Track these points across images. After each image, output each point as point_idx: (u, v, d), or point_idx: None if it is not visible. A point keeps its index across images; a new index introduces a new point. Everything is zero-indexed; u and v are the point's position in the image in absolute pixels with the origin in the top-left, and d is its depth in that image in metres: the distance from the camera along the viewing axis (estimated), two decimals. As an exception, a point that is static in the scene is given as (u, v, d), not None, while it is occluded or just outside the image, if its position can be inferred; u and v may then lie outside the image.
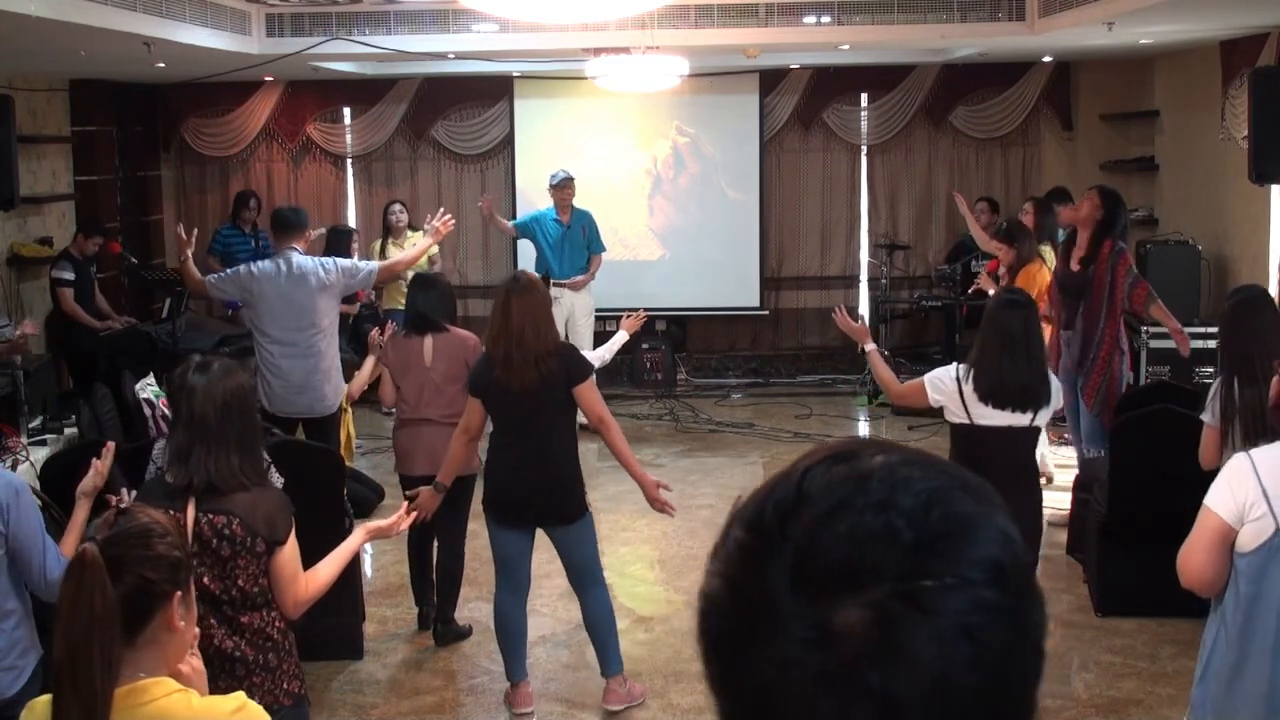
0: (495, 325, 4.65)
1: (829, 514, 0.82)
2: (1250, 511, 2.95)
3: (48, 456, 5.75)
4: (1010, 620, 0.82)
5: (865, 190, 11.21)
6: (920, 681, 0.78)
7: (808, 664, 0.79)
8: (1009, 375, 4.38)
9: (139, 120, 10.70)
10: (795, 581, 0.81)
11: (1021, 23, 7.99)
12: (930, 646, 0.79)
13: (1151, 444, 5.49)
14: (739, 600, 0.84)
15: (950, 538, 0.82)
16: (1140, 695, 4.98)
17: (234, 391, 3.26)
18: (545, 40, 8.17)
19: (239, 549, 3.18)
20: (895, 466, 0.85)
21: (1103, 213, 6.62)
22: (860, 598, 0.79)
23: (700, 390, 10.66)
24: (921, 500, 0.83)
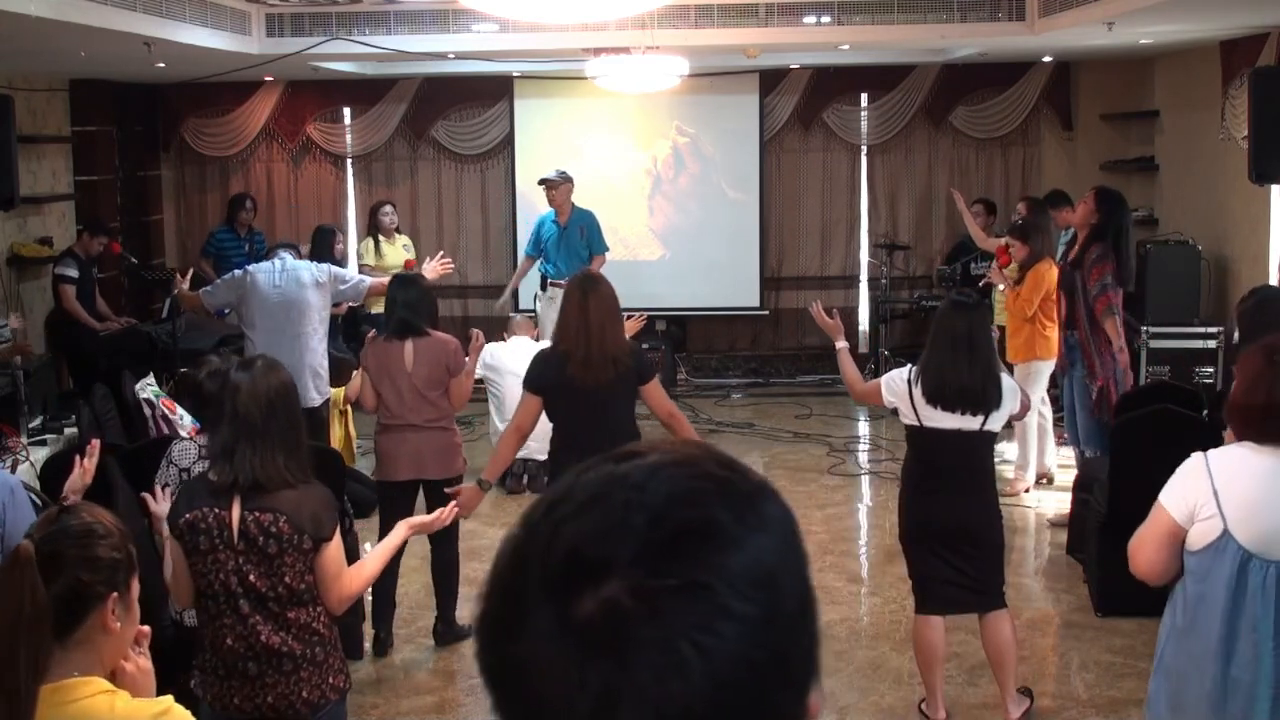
0: (572, 324, 4.58)
1: (582, 507, 0.83)
2: (1200, 511, 2.97)
3: (48, 456, 5.75)
4: (748, 631, 0.80)
5: (865, 190, 11.20)
6: (638, 683, 0.78)
7: (546, 651, 0.80)
8: (951, 376, 4.41)
9: (139, 120, 10.70)
10: (541, 572, 0.82)
11: (1021, 23, 7.99)
12: (652, 649, 0.78)
13: (1151, 444, 5.48)
14: (500, 590, 0.85)
15: (689, 539, 0.81)
16: (1140, 695, 4.96)
17: (278, 389, 3.28)
18: (545, 40, 8.17)
19: (286, 546, 3.20)
20: (662, 465, 0.85)
21: (1098, 216, 6.62)
22: (597, 590, 0.79)
23: (700, 390, 10.66)
24: (668, 501, 0.82)
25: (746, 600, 0.81)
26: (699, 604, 0.79)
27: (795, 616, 0.85)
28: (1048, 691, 5.00)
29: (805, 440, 8.99)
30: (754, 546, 0.83)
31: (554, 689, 0.79)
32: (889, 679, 5.13)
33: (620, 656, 0.78)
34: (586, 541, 0.81)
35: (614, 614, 0.79)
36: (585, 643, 0.79)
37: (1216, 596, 2.95)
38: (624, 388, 4.62)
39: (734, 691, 0.79)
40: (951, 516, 4.48)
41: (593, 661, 0.78)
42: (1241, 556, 2.92)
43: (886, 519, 7.44)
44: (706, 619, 0.79)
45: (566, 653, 0.79)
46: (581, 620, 0.79)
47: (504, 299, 9.49)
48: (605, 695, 0.78)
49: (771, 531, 0.85)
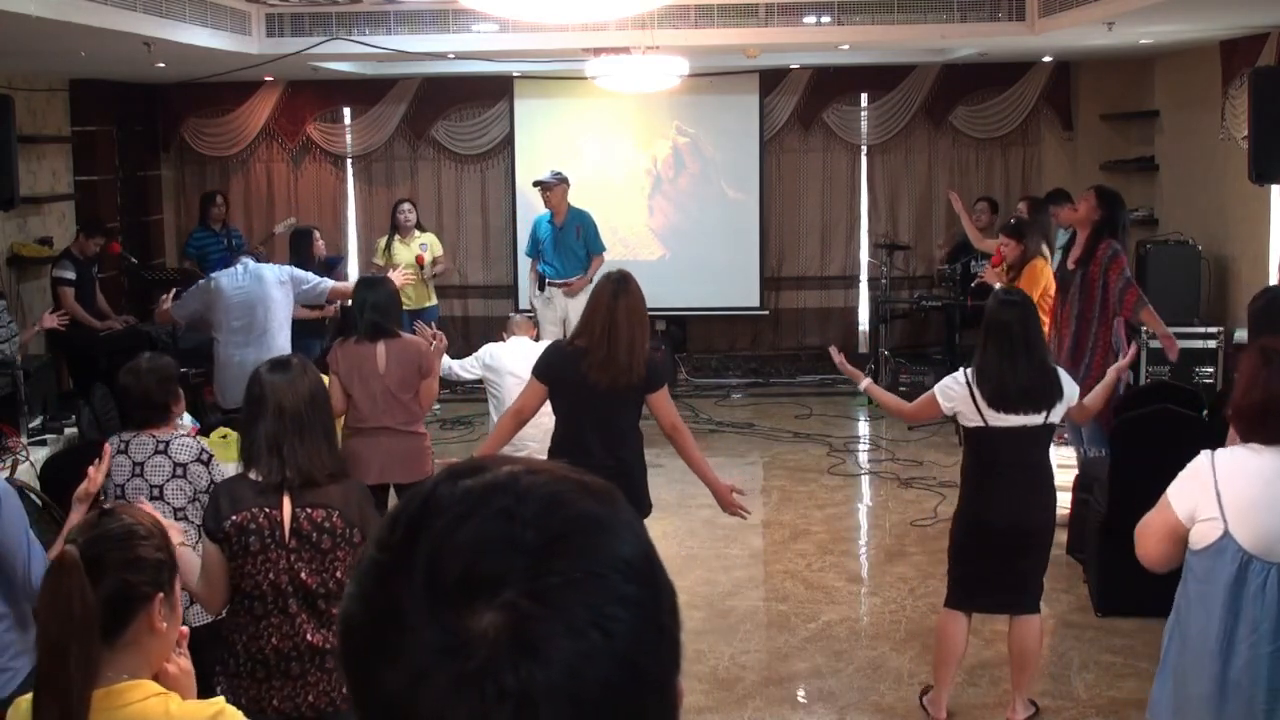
0: (599, 325, 4.53)
1: (454, 523, 0.83)
2: (1201, 511, 2.97)
3: (48, 456, 5.75)
4: (641, 612, 0.84)
5: (865, 190, 11.21)
6: (555, 677, 0.79)
7: (441, 672, 0.79)
8: (1010, 378, 4.37)
9: (139, 120, 10.70)
10: (426, 592, 0.81)
11: (1021, 23, 7.99)
12: (563, 641, 0.80)
13: (1151, 444, 5.48)
14: (371, 616, 0.84)
15: (574, 536, 0.84)
16: (1140, 695, 4.97)
17: (316, 385, 3.33)
18: (545, 40, 8.17)
19: (339, 541, 3.22)
20: (519, 475, 0.87)
21: (1099, 213, 6.61)
22: (492, 601, 0.80)
23: (700, 390, 10.66)
24: (543, 504, 0.85)
25: (633, 583, 0.85)
26: (595, 592, 0.82)
27: (671, 597, 0.89)
28: (1048, 691, 5.00)
29: (805, 440, 8.99)
30: (629, 534, 0.87)
31: (457, 708, 0.79)
32: (889, 679, 5.13)
33: (533, 657, 0.79)
34: (472, 556, 0.82)
35: (518, 618, 0.80)
36: (493, 651, 0.79)
37: (1216, 597, 2.95)
38: (634, 393, 4.61)
39: (638, 669, 0.83)
40: (1013, 515, 4.43)
41: (506, 669, 0.79)
42: (1242, 558, 2.92)
43: (886, 519, 7.44)
44: (605, 604, 0.82)
45: (468, 668, 0.79)
46: (478, 633, 0.79)
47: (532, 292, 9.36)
48: (521, 700, 0.78)
49: (634, 522, 0.89)
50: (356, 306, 5.63)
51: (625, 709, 0.83)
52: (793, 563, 6.55)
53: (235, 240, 10.07)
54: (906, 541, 6.84)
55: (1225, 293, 8.61)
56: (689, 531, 6.92)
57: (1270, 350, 3.04)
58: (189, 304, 6.72)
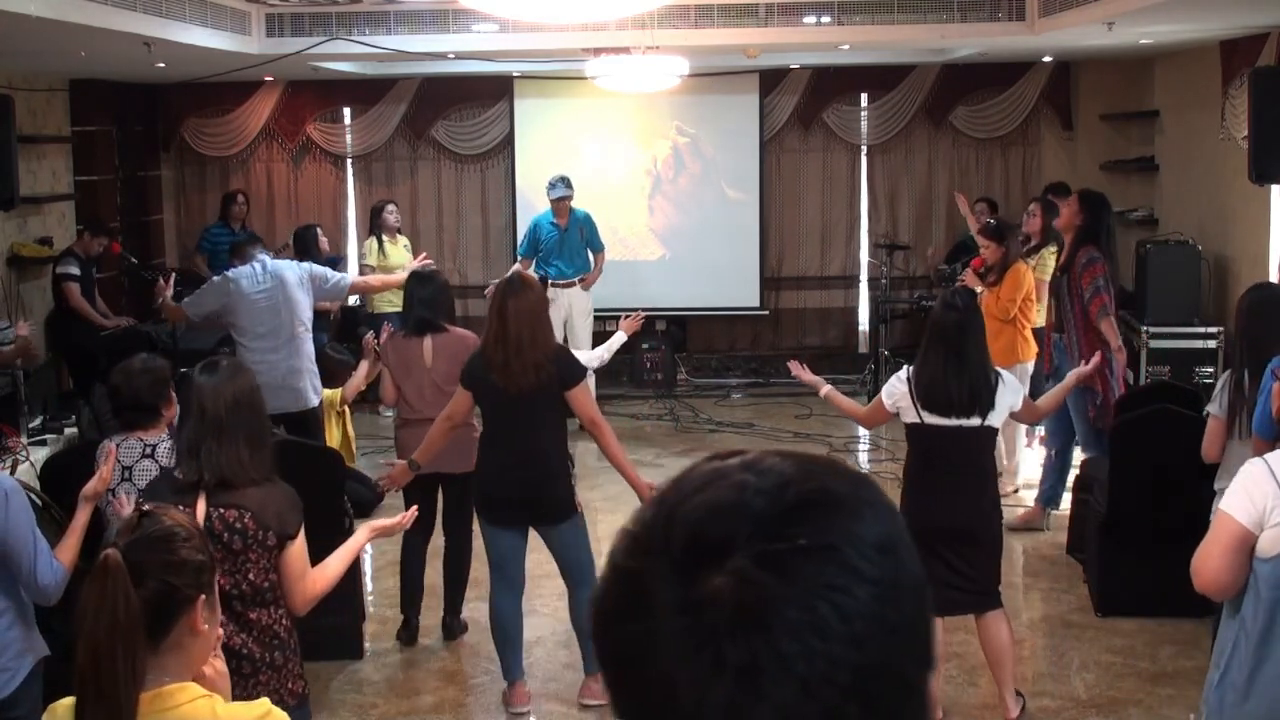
0: (492, 329, 4.66)
1: (691, 494, 0.85)
2: (1271, 517, 2.93)
3: (48, 456, 5.75)
4: (879, 594, 0.81)
5: (865, 190, 11.20)
6: (781, 650, 0.78)
7: (672, 632, 0.80)
8: (940, 381, 4.45)
9: (139, 120, 10.70)
10: (662, 556, 0.83)
11: (1021, 23, 7.99)
12: (790, 613, 0.79)
13: (1151, 444, 5.50)
14: (616, 579, 0.86)
15: (808, 509, 0.83)
16: (1140, 695, 4.98)
17: (243, 389, 3.32)
18: (545, 40, 8.17)
19: (250, 543, 3.21)
20: (767, 455, 0.88)
21: (1081, 218, 6.60)
22: (721, 566, 0.80)
23: (700, 390, 10.66)
24: (780, 478, 0.85)
25: (873, 564, 0.82)
26: (829, 565, 0.81)
27: (917, 587, 0.86)
28: (1048, 691, 5.01)
29: (805, 440, 9.00)
30: (871, 516, 0.85)
31: (684, 670, 0.79)
32: (889, 679, 5.13)
33: (758, 625, 0.78)
34: (705, 521, 0.82)
35: (745, 584, 0.79)
36: (719, 617, 0.79)
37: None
38: (547, 393, 4.65)
39: (871, 654, 0.80)
40: (952, 515, 4.49)
41: (729, 636, 0.78)
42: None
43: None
44: (839, 579, 0.80)
45: (698, 632, 0.79)
46: (709, 596, 0.80)
47: None
48: (745, 670, 0.78)
49: (882, 507, 0.87)
50: (406, 301, 5.81)
51: (859, 697, 0.80)
52: (793, 563, 6.54)
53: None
54: (906, 541, 6.83)
55: (1225, 293, 8.60)
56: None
57: None
58: (205, 301, 6.53)
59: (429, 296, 5.62)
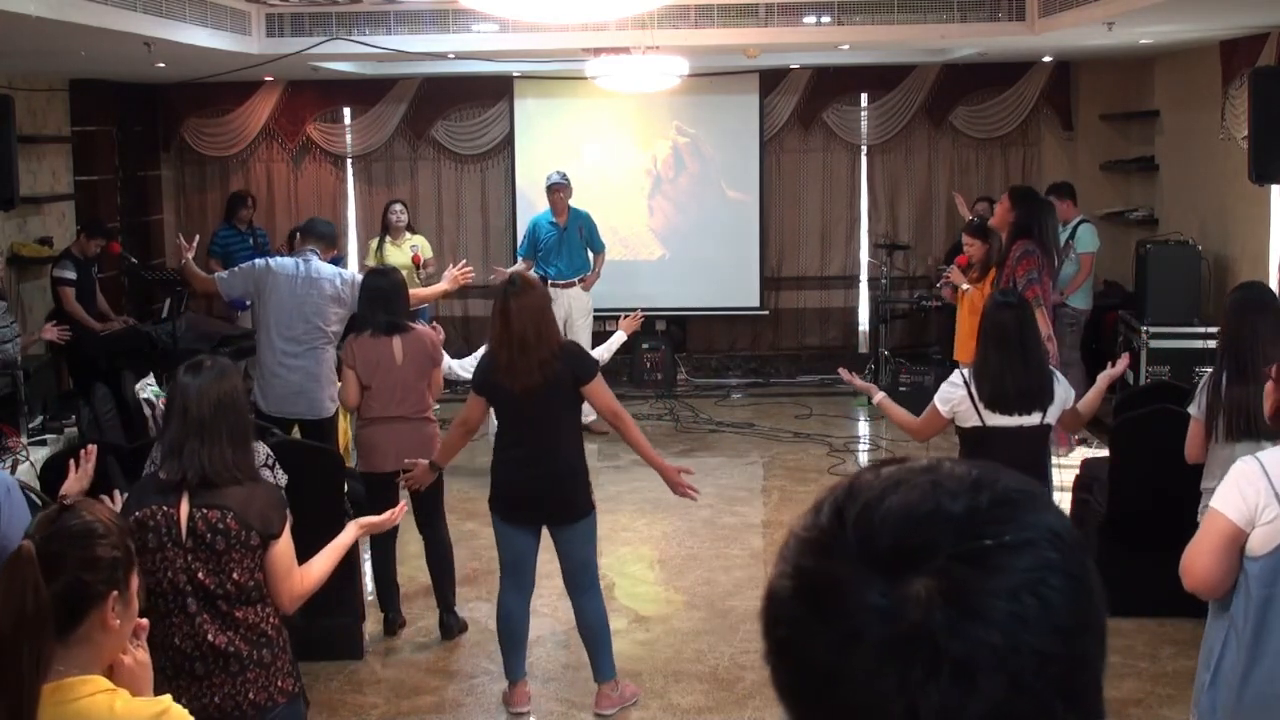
0: (496, 330, 4.65)
1: (881, 496, 0.85)
2: (1262, 515, 2.93)
3: (48, 456, 5.75)
4: (1074, 584, 0.83)
5: (865, 190, 11.20)
6: (994, 640, 0.79)
7: (874, 634, 0.80)
8: (1008, 379, 4.41)
9: (139, 120, 10.70)
10: (860, 560, 0.83)
11: (1021, 23, 7.99)
12: (1000, 603, 0.80)
13: (1151, 444, 5.49)
14: (805, 587, 0.85)
15: (1000, 507, 0.84)
16: (1140, 695, 4.98)
17: (227, 390, 3.32)
18: (545, 40, 8.17)
19: (233, 543, 3.21)
20: (942, 461, 0.89)
21: (1013, 214, 6.61)
22: (923, 567, 0.81)
23: (700, 390, 10.66)
24: (967, 481, 0.86)
25: (1065, 556, 0.84)
26: (1029, 557, 0.82)
27: (1097, 579, 0.87)
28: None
29: (805, 440, 8.99)
30: (1053, 510, 0.87)
31: (890, 673, 0.79)
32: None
33: (968, 617, 0.79)
34: (907, 523, 0.83)
35: (954, 582, 0.80)
36: (929, 618, 0.79)
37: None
38: (558, 391, 4.64)
39: (1073, 646, 0.81)
40: None
41: (937, 632, 0.79)
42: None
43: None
44: (1039, 571, 0.82)
45: (906, 633, 0.79)
46: (912, 597, 0.80)
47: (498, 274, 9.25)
48: (960, 666, 0.78)
49: (1052, 505, 0.88)
50: (368, 303, 5.70)
51: (1062, 695, 0.81)
52: (793, 563, 6.55)
53: (260, 239, 10.11)
54: (906, 541, 6.84)
55: (1225, 293, 8.60)
56: (689, 531, 6.92)
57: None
58: (239, 283, 6.38)
59: (392, 299, 5.60)
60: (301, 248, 6.44)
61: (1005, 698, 0.79)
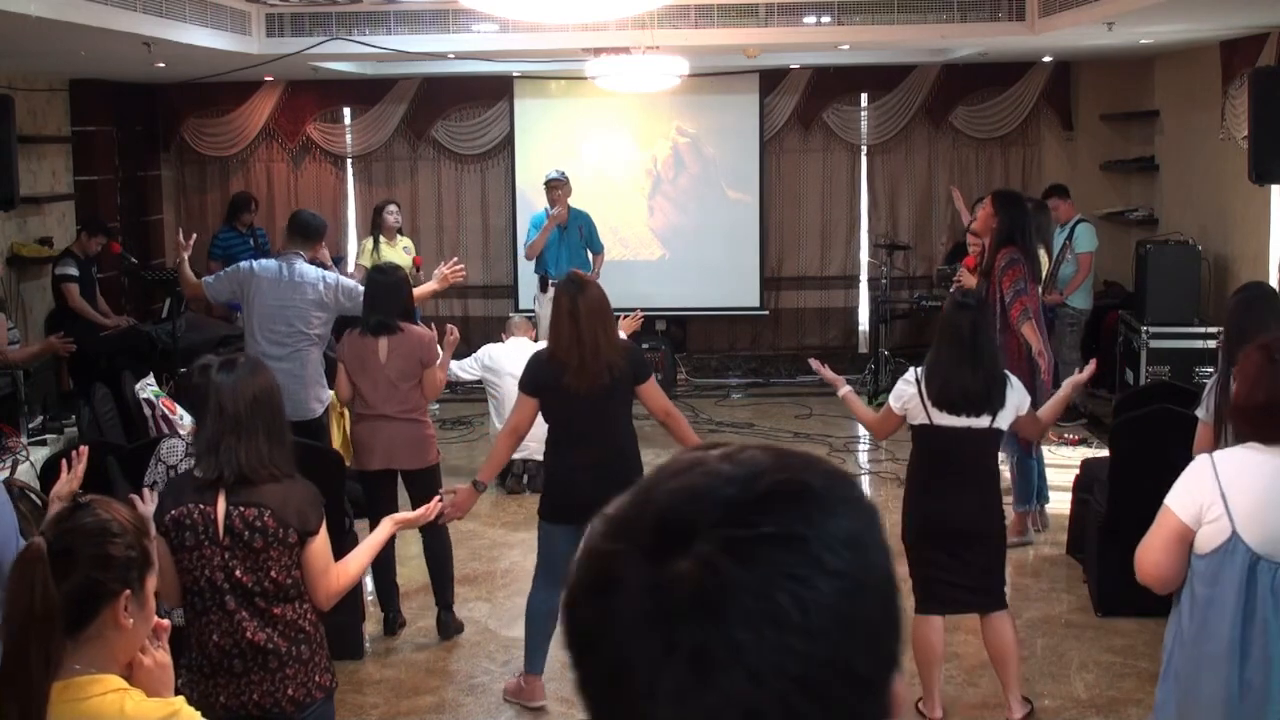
0: (564, 331, 4.58)
1: (666, 479, 0.85)
2: (1207, 513, 2.94)
3: (48, 456, 5.75)
4: (846, 588, 0.80)
5: (865, 190, 11.20)
6: (736, 638, 0.77)
7: (634, 609, 0.80)
8: (954, 379, 4.43)
9: (139, 120, 10.70)
10: (633, 538, 0.83)
11: (1021, 23, 7.99)
12: (747, 601, 0.78)
13: (1151, 444, 5.48)
14: (592, 561, 0.86)
15: (778, 498, 0.82)
16: (1140, 695, 4.98)
17: (262, 387, 3.32)
18: (545, 40, 8.17)
19: (271, 541, 3.22)
20: (747, 447, 0.87)
21: (996, 220, 6.42)
22: (687, 550, 0.80)
23: (700, 390, 10.66)
24: (755, 468, 0.84)
25: (839, 558, 0.81)
26: (793, 554, 0.80)
27: (884, 587, 0.84)
28: (1047, 691, 5.00)
29: (805, 440, 8.99)
30: (843, 511, 0.84)
31: (639, 651, 0.79)
32: (889, 679, 5.12)
33: (713, 611, 0.78)
34: (675, 505, 0.83)
35: (705, 568, 0.79)
36: (676, 601, 0.79)
37: (1226, 599, 2.93)
38: (620, 390, 4.65)
39: (825, 648, 0.79)
40: (957, 515, 4.49)
41: (684, 620, 0.78)
42: (1250, 558, 2.90)
43: (886, 519, 7.37)
44: (802, 570, 0.79)
45: (656, 613, 0.79)
46: (672, 579, 0.79)
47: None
48: (697, 656, 0.77)
49: (858, 505, 0.86)
50: (367, 302, 5.72)
51: (808, 693, 0.78)
52: (793, 563, 6.54)
53: (261, 240, 10.09)
54: (906, 541, 6.84)
55: (1225, 293, 8.58)
56: (689, 531, 6.91)
57: (1275, 349, 3.02)
58: (224, 288, 6.33)
59: (388, 297, 5.62)
60: (286, 249, 6.32)
61: (744, 691, 0.77)
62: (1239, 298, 4.58)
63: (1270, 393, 2.97)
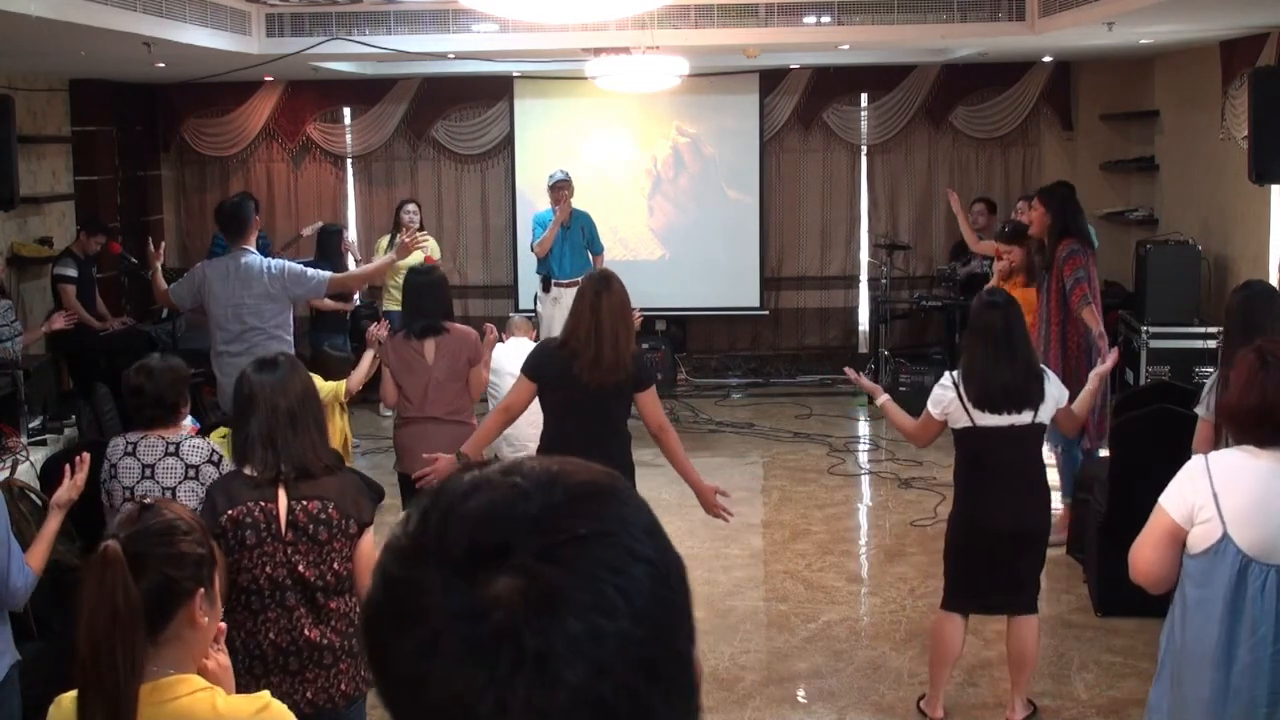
0: (585, 324, 4.58)
1: (460, 501, 0.86)
2: (1199, 514, 2.95)
3: (48, 456, 5.75)
4: (655, 572, 0.85)
5: (865, 190, 11.20)
6: (575, 632, 0.80)
7: (455, 636, 0.80)
8: (993, 378, 4.41)
9: (139, 120, 10.70)
10: (438, 565, 0.83)
11: (1021, 23, 7.99)
12: (580, 595, 0.81)
13: (1151, 444, 5.48)
14: (389, 593, 0.85)
15: (577, 502, 0.85)
16: (1140, 695, 4.96)
17: (305, 381, 3.38)
18: (545, 40, 8.17)
19: (335, 532, 3.24)
20: (523, 461, 0.90)
21: (1049, 217, 6.61)
22: (502, 567, 0.81)
23: (700, 390, 10.66)
24: (546, 478, 0.87)
25: (645, 546, 0.86)
26: (609, 549, 0.83)
27: (681, 570, 0.89)
28: (1048, 691, 5.00)
29: (805, 440, 8.99)
30: (634, 504, 0.89)
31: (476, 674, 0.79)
32: (889, 679, 5.13)
33: (549, 613, 0.80)
34: (483, 524, 0.83)
35: (531, 578, 0.80)
36: (509, 617, 0.79)
37: (1215, 601, 2.93)
38: (624, 393, 4.65)
39: (653, 630, 0.83)
40: (1012, 515, 4.45)
41: (520, 630, 0.79)
42: (1241, 560, 2.90)
43: (886, 519, 7.44)
44: (619, 562, 0.83)
45: (486, 634, 0.79)
46: (495, 597, 0.80)
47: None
48: (541, 658, 0.79)
49: (638, 498, 0.90)
50: (406, 303, 5.73)
51: (645, 674, 0.82)
52: (793, 563, 6.56)
53: (263, 241, 10.06)
54: (906, 542, 6.85)
55: (1225, 293, 8.56)
56: (688, 531, 6.92)
57: (1267, 352, 3.02)
58: (184, 292, 6.20)
59: (429, 298, 5.61)
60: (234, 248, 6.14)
61: (587, 683, 0.79)
62: (1239, 295, 4.59)
63: (1262, 396, 2.97)
